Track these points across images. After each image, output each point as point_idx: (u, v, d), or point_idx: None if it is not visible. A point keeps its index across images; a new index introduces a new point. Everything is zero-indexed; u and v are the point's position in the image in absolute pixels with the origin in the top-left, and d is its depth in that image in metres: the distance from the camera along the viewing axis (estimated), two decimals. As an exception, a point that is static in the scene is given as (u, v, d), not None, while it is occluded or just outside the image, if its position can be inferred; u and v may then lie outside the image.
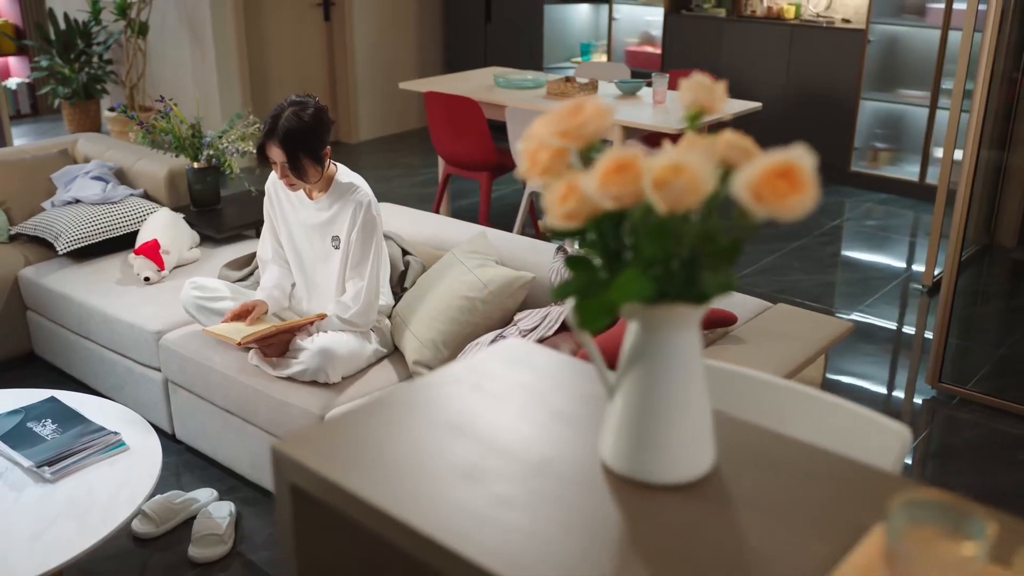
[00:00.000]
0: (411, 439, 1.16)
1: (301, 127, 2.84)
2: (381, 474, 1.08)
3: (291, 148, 2.83)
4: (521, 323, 2.78)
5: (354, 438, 1.18)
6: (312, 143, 2.86)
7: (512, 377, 1.32)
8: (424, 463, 1.09)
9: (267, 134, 2.86)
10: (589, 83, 5.20)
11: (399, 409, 1.26)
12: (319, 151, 2.89)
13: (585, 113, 1.05)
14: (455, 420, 1.20)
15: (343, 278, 3.02)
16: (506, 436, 1.14)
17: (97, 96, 7.02)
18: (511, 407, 1.22)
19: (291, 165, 2.85)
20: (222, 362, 3.04)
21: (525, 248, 3.24)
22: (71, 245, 3.75)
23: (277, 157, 2.86)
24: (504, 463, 1.08)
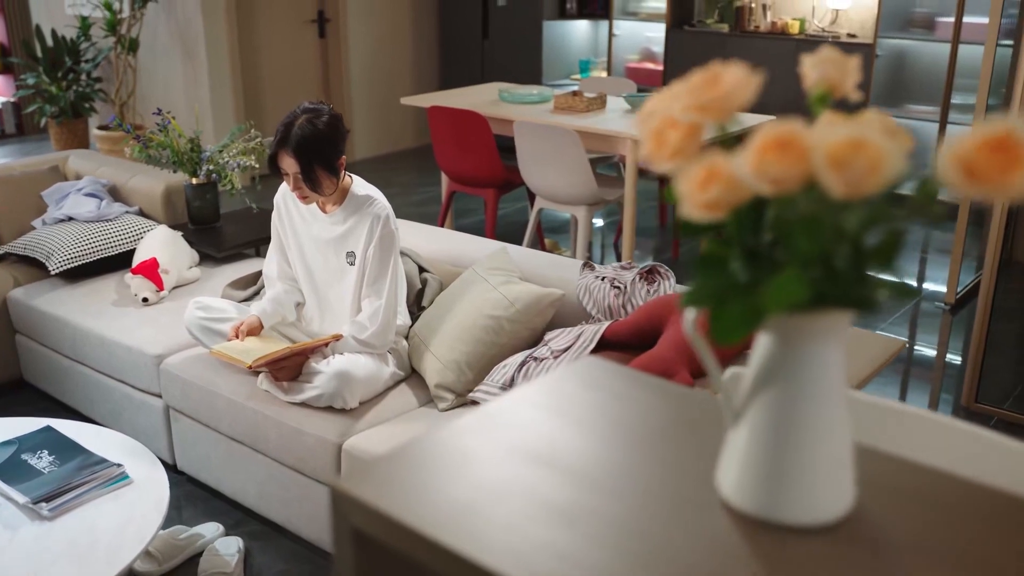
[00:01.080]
0: (490, 473, 0.98)
1: (315, 135, 2.67)
2: (459, 514, 0.90)
3: (305, 158, 2.66)
4: (553, 343, 2.61)
5: (423, 473, 1.01)
6: (327, 152, 2.69)
7: (594, 400, 1.15)
8: (508, 500, 0.92)
9: (279, 143, 2.68)
10: (597, 97, 5.06)
11: (469, 438, 1.08)
12: (334, 161, 2.72)
13: (726, 83, 0.88)
14: (537, 449, 1.02)
15: (358, 296, 2.84)
16: (599, 468, 0.97)
17: (85, 114, 6.83)
18: (599, 434, 1.05)
19: (305, 176, 2.68)
20: (228, 387, 2.84)
21: (548, 264, 3.07)
22: (64, 265, 3.55)
23: (289, 167, 2.69)
24: (601, 500, 0.91)
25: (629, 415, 1.10)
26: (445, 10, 7.76)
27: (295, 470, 2.70)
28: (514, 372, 2.55)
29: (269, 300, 2.91)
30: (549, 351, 2.58)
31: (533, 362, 2.55)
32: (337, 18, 7.10)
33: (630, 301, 2.78)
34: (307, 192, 2.73)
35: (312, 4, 7.06)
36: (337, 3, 7.06)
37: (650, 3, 7.16)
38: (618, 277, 2.88)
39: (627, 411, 1.11)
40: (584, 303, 2.84)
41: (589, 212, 4.69)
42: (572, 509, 0.89)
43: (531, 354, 2.59)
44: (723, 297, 0.87)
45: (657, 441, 1.04)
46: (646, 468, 0.98)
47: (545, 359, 2.55)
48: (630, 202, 4.67)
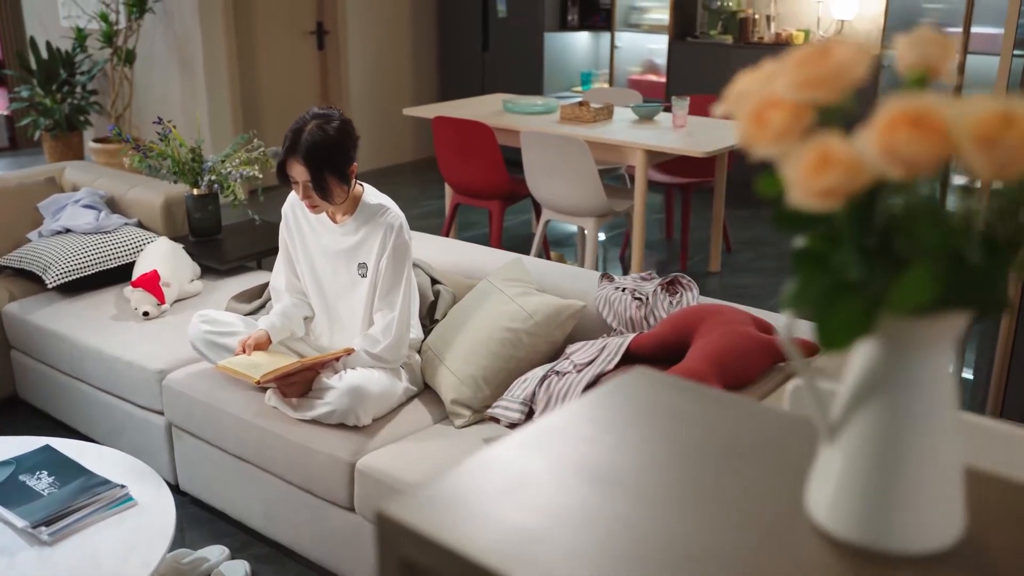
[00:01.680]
0: (551, 495, 0.89)
1: (326, 141, 2.57)
2: (522, 542, 0.81)
3: (315, 165, 2.56)
4: (575, 356, 2.50)
5: (478, 497, 0.91)
6: (338, 159, 2.59)
7: (653, 414, 1.05)
8: (573, 525, 0.82)
9: (288, 150, 2.58)
10: (604, 107, 4.98)
11: (524, 458, 0.98)
12: (345, 168, 2.62)
13: (838, 55, 0.78)
14: (600, 469, 0.93)
15: (370, 309, 2.73)
16: (669, 489, 0.88)
17: (80, 128, 6.71)
18: (663, 451, 0.96)
19: (315, 184, 2.57)
20: (235, 404, 2.73)
21: (565, 276, 2.97)
22: (61, 278, 3.44)
23: (299, 175, 2.58)
24: (677, 524, 0.83)
25: (694, 430, 1.00)
26: (444, 22, 7.69)
27: (305, 490, 2.58)
28: (535, 387, 2.44)
29: (277, 314, 2.81)
30: (572, 365, 2.47)
31: (555, 376, 2.45)
32: (336, 30, 7.02)
33: (652, 313, 2.68)
34: (317, 201, 2.63)
35: (311, 16, 6.97)
36: (336, 15, 6.98)
37: (652, 15, 7.10)
38: (638, 288, 2.78)
39: (691, 426, 1.01)
40: (604, 315, 2.74)
41: (597, 224, 4.59)
42: (645, 536, 0.80)
43: (553, 368, 2.48)
44: (831, 298, 0.77)
45: (730, 459, 0.94)
46: (722, 489, 0.88)
47: (567, 373, 2.44)
48: (639, 213, 4.58)
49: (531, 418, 2.42)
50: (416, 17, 7.55)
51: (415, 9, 7.52)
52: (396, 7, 7.37)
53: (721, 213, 5.13)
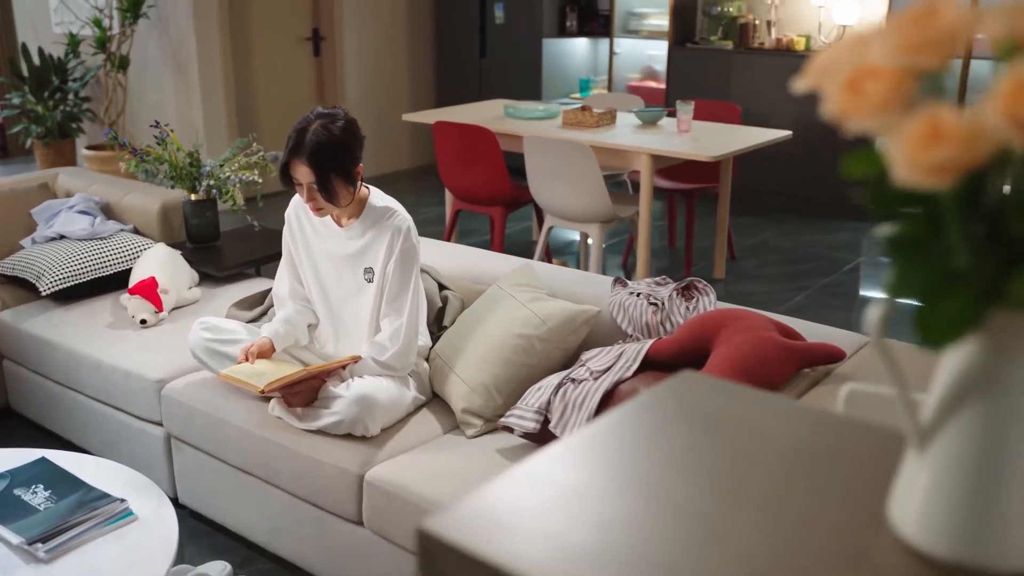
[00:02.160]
0: (609, 510, 0.81)
1: (331, 141, 2.48)
2: (586, 562, 0.73)
3: (320, 166, 2.47)
4: (591, 363, 2.42)
5: (524, 511, 0.83)
6: (343, 160, 2.51)
7: (703, 420, 0.98)
8: (632, 542, 0.75)
9: (292, 151, 2.50)
10: (607, 112, 4.91)
11: (570, 469, 0.90)
12: (351, 169, 2.54)
13: (946, 16, 0.70)
14: (650, 479, 0.86)
15: (377, 316, 2.65)
16: (736, 502, 0.82)
17: (73, 135, 6.61)
18: (719, 461, 0.88)
19: (320, 186, 2.49)
20: (237, 414, 2.64)
21: (576, 281, 2.89)
22: (56, 285, 3.34)
23: (303, 177, 2.50)
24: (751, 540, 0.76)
25: (751, 437, 0.92)
26: (441, 29, 7.63)
27: (310, 503, 2.49)
28: (550, 395, 2.36)
29: (281, 321, 2.72)
30: (588, 372, 2.39)
31: (571, 384, 2.36)
32: (332, 36, 6.94)
33: (669, 318, 2.60)
34: (322, 204, 2.55)
35: (307, 21, 6.90)
36: (332, 21, 6.91)
37: (652, 21, 7.04)
38: (653, 293, 2.70)
39: (747, 432, 0.93)
40: (619, 321, 2.66)
41: (602, 230, 4.52)
42: (711, 551, 0.72)
43: (568, 375, 2.40)
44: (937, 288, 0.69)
45: (795, 467, 0.86)
46: (790, 500, 0.80)
47: (584, 381, 2.36)
48: (645, 219, 4.50)
49: (547, 427, 2.33)
50: (413, 23, 7.48)
51: (412, 15, 7.46)
52: (393, 13, 7.31)
53: (726, 219, 5.06)
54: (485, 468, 2.33)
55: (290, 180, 2.54)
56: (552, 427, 2.32)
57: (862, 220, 6.28)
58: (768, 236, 5.95)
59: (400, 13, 7.36)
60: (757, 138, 4.68)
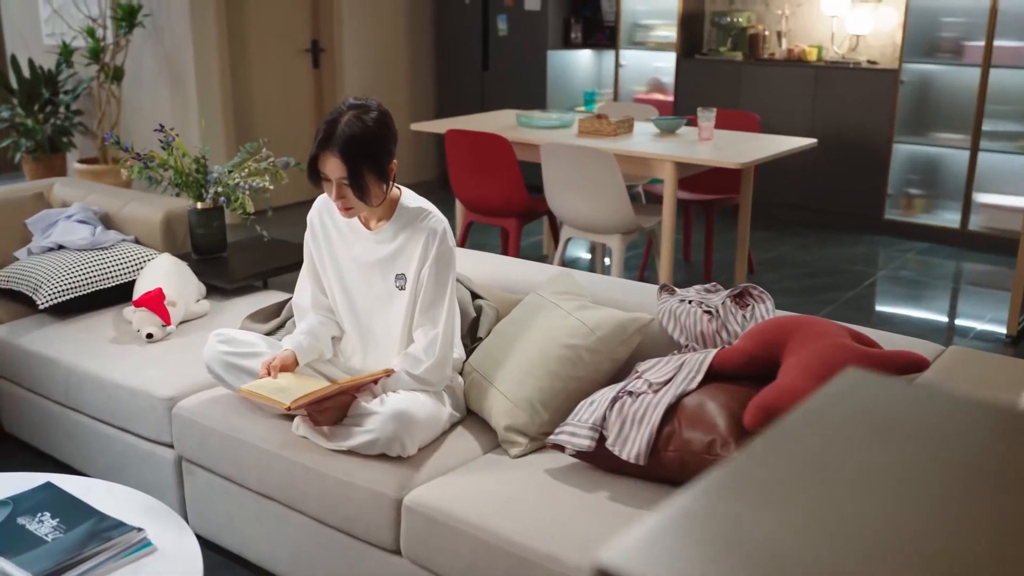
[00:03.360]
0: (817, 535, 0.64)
1: (365, 133, 2.29)
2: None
3: (353, 159, 2.27)
4: (648, 375, 2.22)
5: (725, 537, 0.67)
6: (377, 153, 2.31)
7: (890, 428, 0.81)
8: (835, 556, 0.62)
9: (322, 143, 2.30)
10: (624, 120, 4.74)
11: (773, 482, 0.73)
12: (385, 164, 2.34)
13: None
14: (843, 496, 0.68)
15: (409, 326, 2.44)
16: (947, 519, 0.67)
17: (63, 149, 6.39)
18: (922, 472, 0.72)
19: (352, 181, 2.29)
20: (258, 433, 2.42)
21: (618, 288, 2.70)
22: (54, 298, 3.12)
23: (334, 171, 2.30)
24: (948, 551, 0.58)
25: (933, 438, 0.75)
26: (442, 41, 7.46)
27: (341, 531, 2.28)
28: (605, 409, 2.16)
29: (304, 333, 2.51)
30: (646, 384, 2.19)
31: (628, 397, 2.16)
32: (332, 48, 6.76)
33: (725, 326, 2.41)
34: (352, 202, 2.34)
35: (306, 33, 6.72)
36: (332, 32, 6.73)
37: (659, 32, 6.90)
38: (705, 301, 2.52)
39: (929, 433, 0.76)
40: (669, 330, 2.47)
41: (623, 241, 4.33)
42: None
43: (624, 388, 2.20)
44: None
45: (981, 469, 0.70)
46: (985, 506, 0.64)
47: (643, 394, 2.16)
48: (669, 229, 4.32)
49: (602, 444, 2.13)
50: (413, 35, 7.31)
51: (412, 27, 7.29)
52: (393, 25, 7.14)
53: (747, 231, 4.89)
54: (536, 490, 2.12)
55: (317, 176, 2.34)
56: (609, 444, 2.12)
57: (877, 233, 6.13)
58: (785, 250, 5.79)
59: (400, 25, 7.20)
60: (781, 146, 4.52)
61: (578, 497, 2.09)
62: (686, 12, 6.63)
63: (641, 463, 2.08)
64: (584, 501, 2.08)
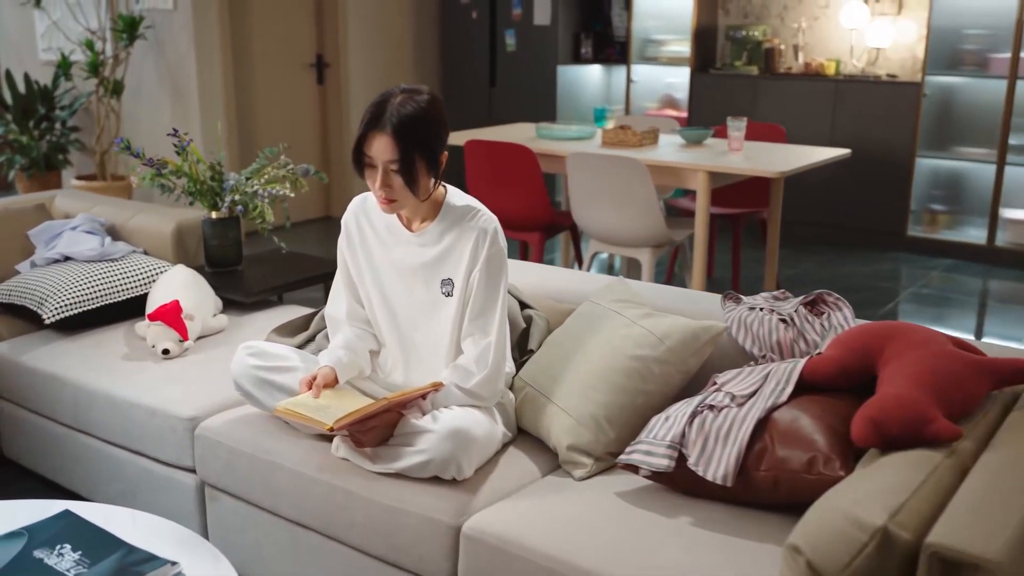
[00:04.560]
0: None
1: (419, 113, 2.09)
2: None
3: (405, 140, 2.06)
4: (730, 387, 2.02)
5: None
6: (430, 139, 2.11)
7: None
8: None
9: (370, 123, 2.10)
10: (650, 131, 4.56)
11: None
12: (437, 152, 2.14)
13: None
14: None
15: (458, 336, 2.23)
16: None
17: (59, 167, 6.17)
18: None
19: (402, 166, 2.07)
20: (292, 455, 2.20)
21: (678, 297, 2.50)
22: (61, 312, 2.90)
23: (382, 153, 2.08)
24: None
25: None
26: (449, 56, 7.30)
27: (387, 562, 2.05)
28: (684, 426, 1.95)
29: (342, 347, 2.28)
30: (728, 397, 1.98)
31: (709, 412, 1.96)
32: (337, 63, 6.59)
33: (802, 335, 2.22)
34: (397, 192, 2.12)
35: (310, 48, 6.54)
36: (337, 47, 6.56)
37: (671, 47, 6.75)
38: (777, 309, 2.32)
39: None
40: (740, 339, 2.27)
41: (653, 255, 4.14)
42: None
43: (704, 402, 1.99)
44: None
45: None
46: None
47: (726, 408, 1.96)
48: (702, 241, 4.14)
49: (683, 464, 1.92)
50: (420, 51, 7.14)
51: (418, 43, 7.12)
52: (399, 40, 6.97)
53: (775, 245, 4.71)
54: (609, 515, 1.91)
55: (361, 162, 2.13)
56: (692, 464, 1.91)
57: (900, 250, 5.97)
58: (808, 267, 5.61)
59: (406, 40, 7.03)
60: (814, 156, 4.35)
61: (657, 522, 1.88)
62: (699, 26, 6.49)
63: (728, 484, 1.87)
64: (664, 527, 1.87)
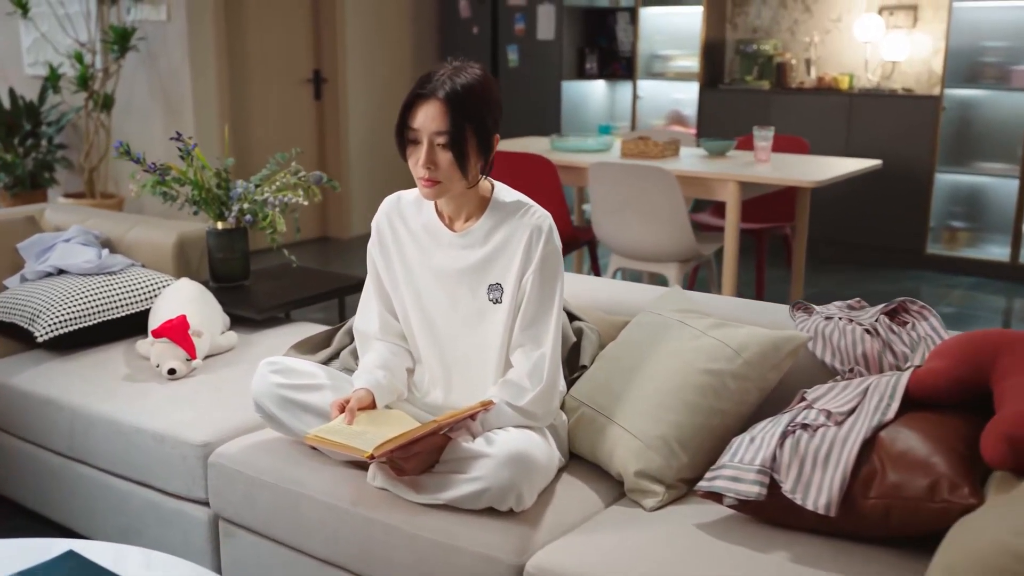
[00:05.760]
0: None
1: (474, 82, 1.87)
2: None
3: (457, 108, 1.83)
4: (824, 403, 1.79)
5: None
6: (483, 113, 1.88)
7: None
8: None
9: (419, 90, 1.87)
10: (671, 141, 4.36)
11: None
12: (490, 130, 1.91)
13: None
14: None
15: (506, 348, 1.99)
16: None
17: (45, 185, 5.91)
18: None
19: (452, 139, 1.84)
20: (322, 485, 1.95)
21: (739, 308, 2.27)
22: (55, 330, 2.64)
23: (431, 123, 1.84)
24: None
25: None
26: (448, 75, 7.10)
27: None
28: (775, 448, 1.72)
29: (379, 367, 2.02)
30: (824, 415, 1.75)
31: (803, 431, 1.73)
32: (335, 79, 6.37)
33: (889, 347, 2.00)
34: (443, 172, 1.87)
35: (307, 62, 6.33)
36: (335, 62, 6.34)
37: (678, 62, 6.58)
38: (855, 318, 2.10)
39: None
40: (818, 352, 2.05)
41: (681, 270, 3.92)
42: None
43: (795, 421, 1.76)
44: None
45: None
46: None
47: (822, 427, 1.73)
48: (732, 256, 3.92)
49: (775, 492, 1.69)
50: (420, 66, 6.93)
51: (418, 57, 6.92)
52: (399, 54, 6.77)
53: (802, 261, 4.51)
54: (695, 550, 1.67)
55: (404, 136, 1.90)
56: (788, 492, 1.67)
57: (920, 268, 5.78)
58: (828, 286, 5.41)
59: (406, 55, 6.83)
60: (846, 167, 4.16)
61: (749, 559, 1.65)
62: (707, 41, 6.33)
63: (832, 514, 1.64)
64: (758, 564, 1.63)
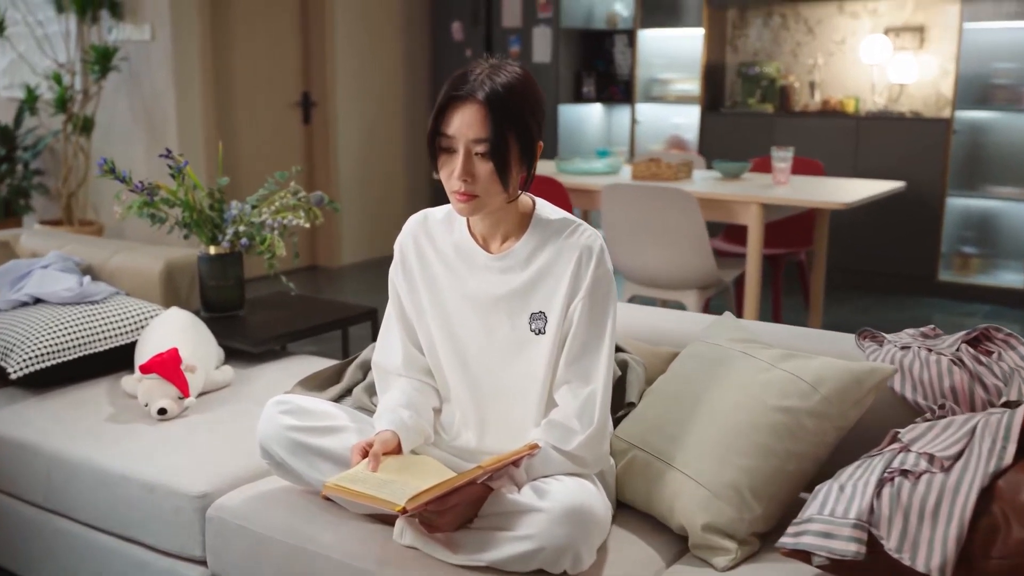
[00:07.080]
0: None
1: (516, 83, 1.64)
2: None
3: (498, 113, 1.60)
4: (924, 446, 1.56)
5: None
6: (526, 117, 1.66)
7: None
8: None
9: (453, 92, 1.64)
10: (684, 163, 4.16)
11: None
12: (534, 136, 1.68)
13: None
14: None
15: (549, 385, 1.75)
16: None
17: (20, 213, 5.63)
18: None
19: (492, 147, 1.61)
20: (337, 543, 1.70)
21: (787, 337, 2.04)
22: (30, 365, 2.38)
23: (468, 130, 1.61)
24: None
25: None
26: (440, 99, 6.90)
27: None
28: (871, 498, 1.48)
29: (404, 407, 1.78)
30: (926, 459, 1.52)
31: (904, 479, 1.50)
32: (325, 102, 6.15)
33: (978, 380, 1.78)
34: (480, 185, 1.63)
35: (296, 85, 6.10)
36: (324, 85, 6.12)
37: (678, 86, 6.41)
38: (934, 347, 1.88)
39: None
40: (896, 385, 1.82)
41: (700, 298, 3.71)
42: None
43: (892, 467, 1.53)
44: None
45: None
46: None
47: (925, 473, 1.50)
48: (755, 282, 3.71)
49: (875, 550, 1.45)
50: (410, 88, 6.73)
51: (410, 80, 6.71)
52: (390, 77, 6.56)
53: (820, 287, 4.31)
54: (786, 622, 1.43)
55: (436, 144, 1.67)
56: (893, 550, 1.44)
57: (931, 295, 5.59)
58: (843, 313, 5.21)
59: (398, 77, 6.62)
60: (870, 189, 3.97)
61: (849, 630, 1.41)
62: (708, 64, 6.16)
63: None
64: (862, 636, 1.39)
